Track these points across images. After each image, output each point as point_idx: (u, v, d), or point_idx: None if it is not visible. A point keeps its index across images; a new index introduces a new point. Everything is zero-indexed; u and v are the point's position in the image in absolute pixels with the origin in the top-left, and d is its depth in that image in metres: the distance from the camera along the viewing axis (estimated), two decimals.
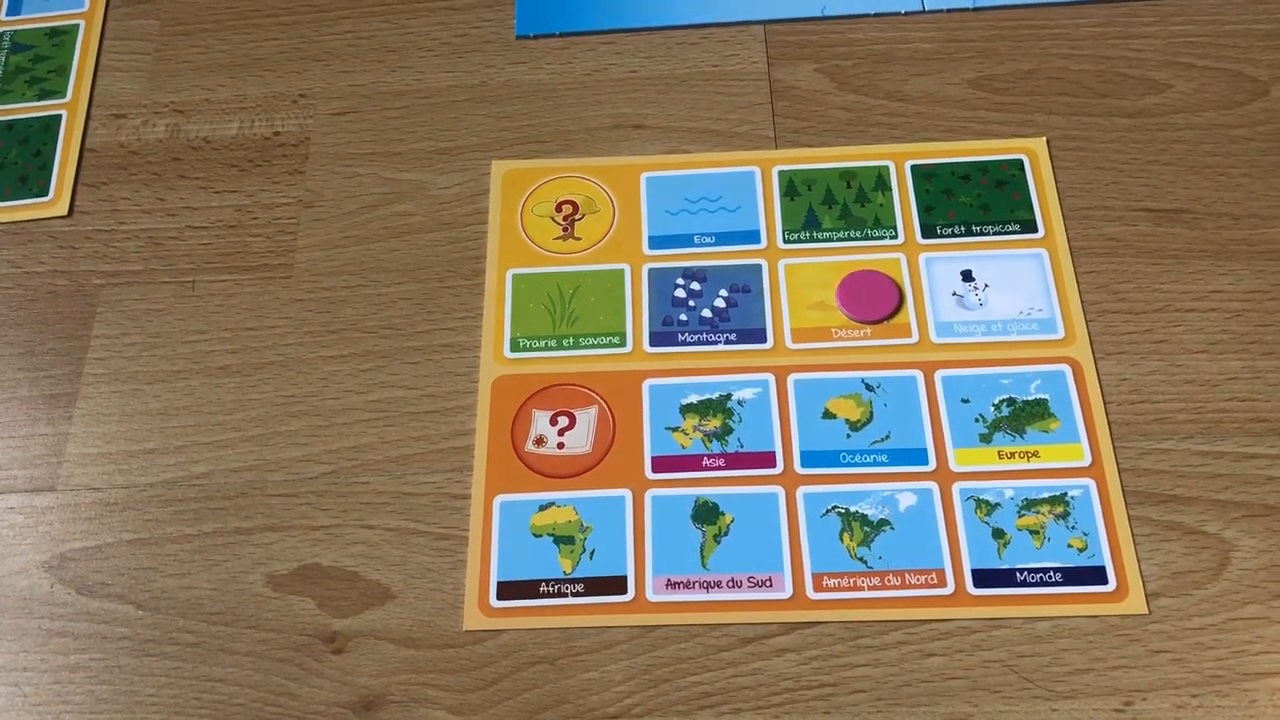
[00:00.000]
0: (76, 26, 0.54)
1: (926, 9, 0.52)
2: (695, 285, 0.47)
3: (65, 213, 0.50)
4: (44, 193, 0.50)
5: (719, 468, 0.43)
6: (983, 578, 0.41)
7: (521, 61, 0.52)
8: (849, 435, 0.43)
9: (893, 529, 0.42)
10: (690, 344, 0.46)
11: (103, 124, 0.52)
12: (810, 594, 0.41)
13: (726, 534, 0.42)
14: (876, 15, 0.52)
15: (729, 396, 0.44)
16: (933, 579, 0.41)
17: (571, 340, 0.46)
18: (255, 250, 0.48)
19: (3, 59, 0.54)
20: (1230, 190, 0.47)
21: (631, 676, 0.39)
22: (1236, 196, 0.47)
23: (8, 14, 0.55)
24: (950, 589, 0.41)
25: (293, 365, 0.46)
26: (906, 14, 0.52)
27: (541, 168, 0.50)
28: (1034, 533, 0.41)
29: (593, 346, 0.46)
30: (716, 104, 0.51)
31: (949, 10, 0.52)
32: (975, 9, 0.52)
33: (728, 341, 0.46)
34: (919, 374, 0.44)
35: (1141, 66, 0.50)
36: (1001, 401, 0.44)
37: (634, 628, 0.40)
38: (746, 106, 0.51)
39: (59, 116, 0.52)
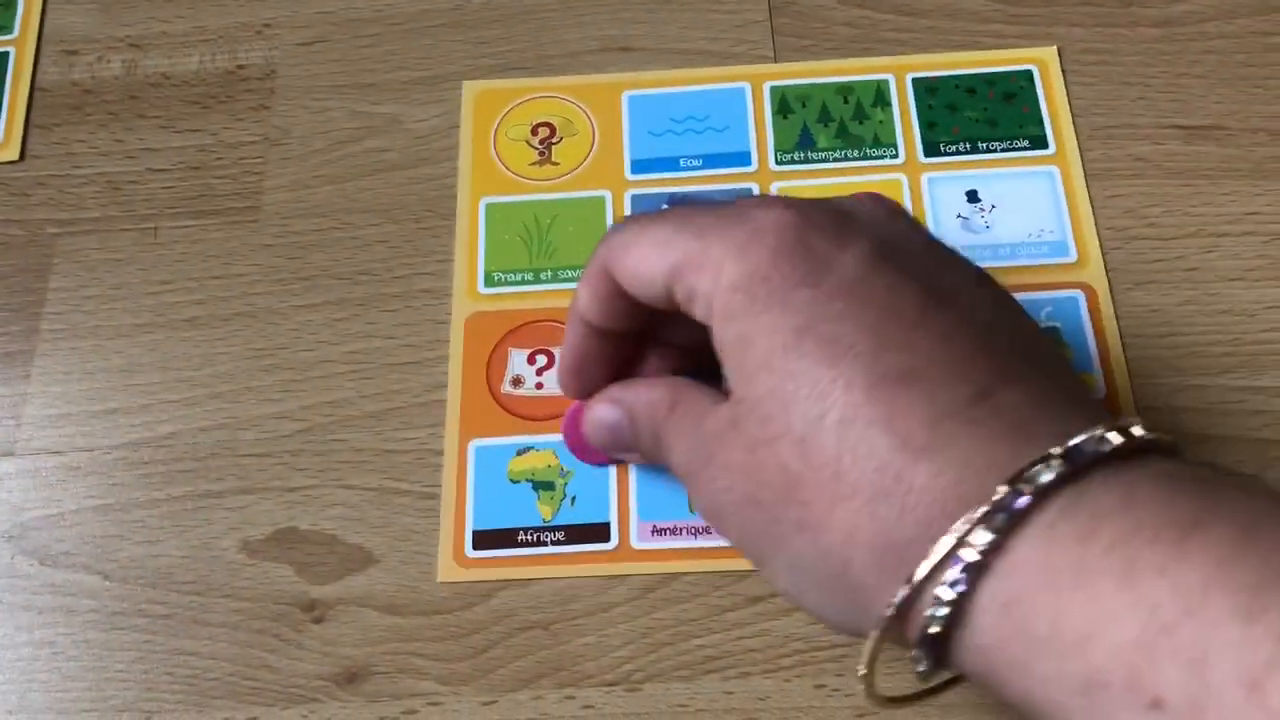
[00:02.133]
0: None
1: None
2: None
3: (16, 157, 0.46)
4: None
5: None
6: None
7: None
8: None
9: None
10: None
11: (53, 61, 0.49)
12: None
13: None
14: None
15: None
16: None
17: (550, 274, 0.43)
18: (220, 193, 0.45)
19: None
20: (1268, 104, 0.44)
21: (630, 640, 0.37)
22: (1275, 110, 0.44)
23: None
24: None
25: (263, 316, 0.43)
26: None
27: (516, 87, 0.47)
28: None
29: (573, 280, 0.43)
30: (711, 22, 0.47)
31: None
32: None
33: None
34: None
35: None
36: None
37: (632, 588, 0.38)
38: (743, 25, 0.47)
39: (5, 54, 0.49)
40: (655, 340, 0.36)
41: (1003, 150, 0.44)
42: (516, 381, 0.41)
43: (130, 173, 0.46)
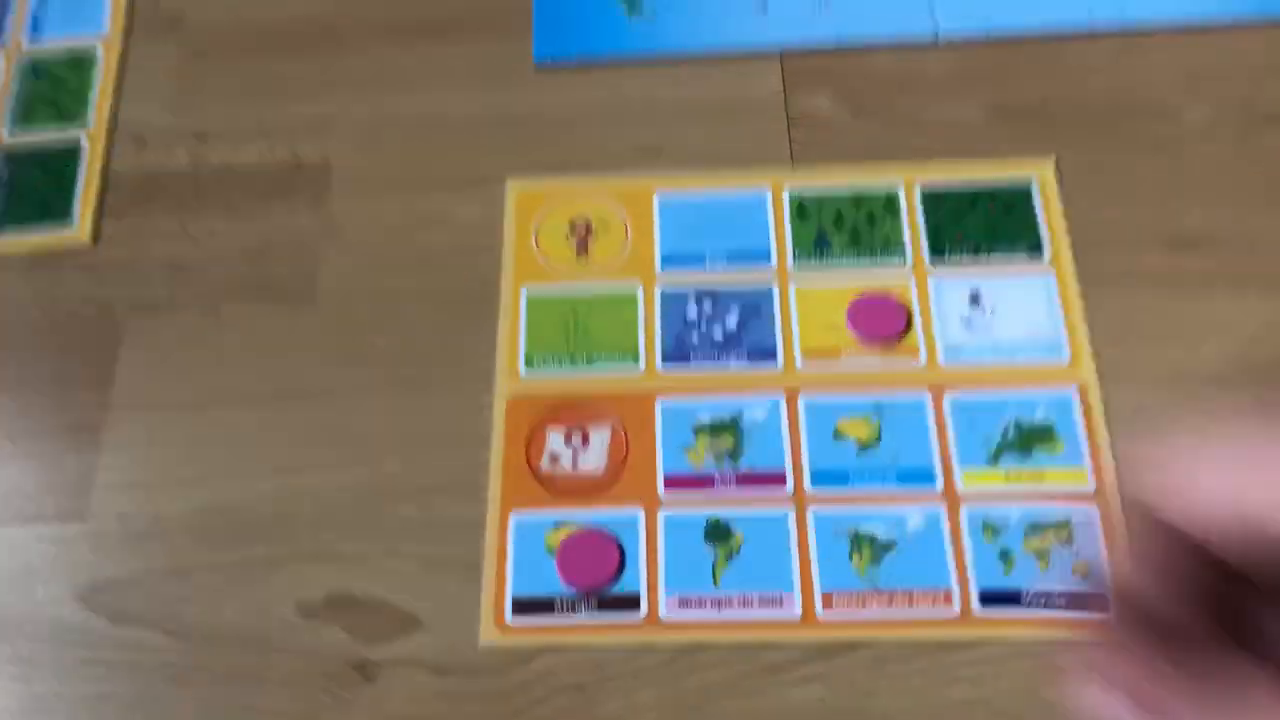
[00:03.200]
0: (95, 49, 0.55)
1: (940, 35, 0.53)
2: (707, 305, 0.48)
3: (90, 241, 0.50)
4: (67, 220, 0.51)
5: (731, 487, 0.44)
6: (990, 598, 0.42)
7: (541, 88, 0.53)
8: (858, 455, 0.44)
9: (901, 549, 0.43)
10: (702, 364, 0.46)
11: (125, 150, 0.52)
12: (820, 613, 0.42)
13: (738, 553, 0.43)
14: (892, 44, 0.53)
15: (740, 416, 0.45)
16: (940, 599, 0.42)
17: (586, 359, 0.47)
18: (279, 278, 0.49)
19: (23, 84, 0.54)
20: (1248, 220, 0.48)
21: (659, 705, 0.40)
22: (1252, 226, 0.48)
23: (29, 37, 0.55)
24: (957, 609, 0.42)
25: (318, 394, 0.46)
26: (921, 42, 0.53)
27: (556, 187, 0.51)
28: (1039, 556, 0.42)
29: (606, 365, 0.46)
30: (734, 131, 0.51)
31: (964, 38, 0.53)
32: (988, 37, 0.53)
33: (739, 361, 0.46)
34: (926, 395, 0.45)
35: (1155, 94, 0.51)
36: (1008, 424, 0.44)
37: (661, 656, 0.41)
38: (764, 133, 0.51)
39: (80, 144, 0.52)
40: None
41: (1003, 257, 0.48)
42: (554, 459, 0.45)
43: (194, 257, 0.50)
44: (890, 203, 0.49)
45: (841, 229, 0.49)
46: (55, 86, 0.54)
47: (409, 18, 0.55)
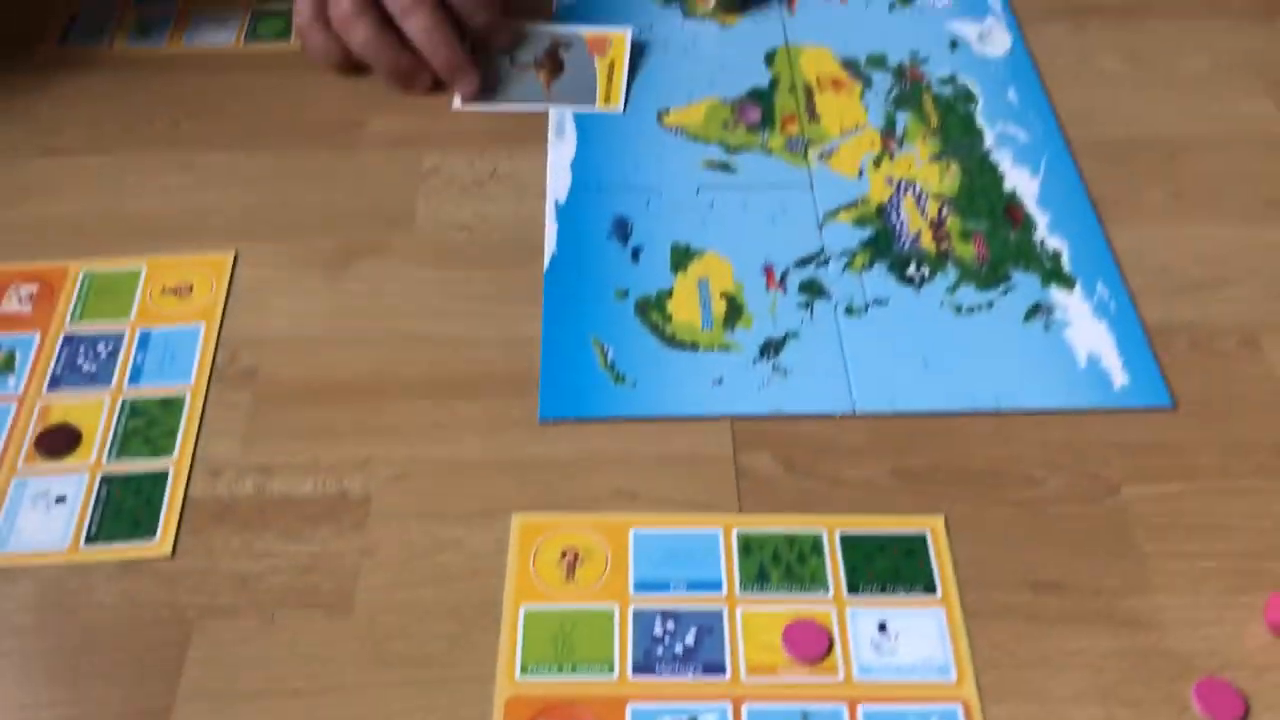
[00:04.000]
0: (184, 397, 0.68)
1: (857, 411, 0.67)
2: (670, 624, 0.59)
3: (169, 554, 0.62)
4: (152, 536, 0.62)
5: None
6: None
7: (543, 440, 0.66)
8: None
9: None
10: (666, 674, 0.57)
11: (202, 479, 0.65)
12: None
13: None
14: (819, 415, 0.67)
15: None
16: None
17: (570, 666, 0.58)
18: (324, 590, 0.60)
19: (124, 421, 0.67)
20: (1093, 568, 0.61)
21: None
22: (1097, 573, 0.61)
23: (129, 383, 0.69)
24: None
25: (351, 689, 0.57)
26: (842, 415, 0.67)
27: (551, 521, 0.63)
28: None
29: (587, 673, 0.57)
30: (694, 480, 0.65)
31: (874, 413, 0.67)
32: (895, 413, 0.67)
33: (695, 673, 0.57)
34: (844, 707, 0.56)
35: (1024, 465, 0.65)
36: None
37: None
38: (718, 483, 0.65)
39: (167, 472, 0.65)
40: None
41: (904, 593, 0.60)
42: None
43: (256, 571, 0.61)
44: (816, 544, 0.62)
45: (778, 564, 0.61)
46: (149, 424, 0.67)
47: (440, 380, 0.69)
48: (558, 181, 0.81)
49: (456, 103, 0.86)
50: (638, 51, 0.90)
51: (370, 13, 0.81)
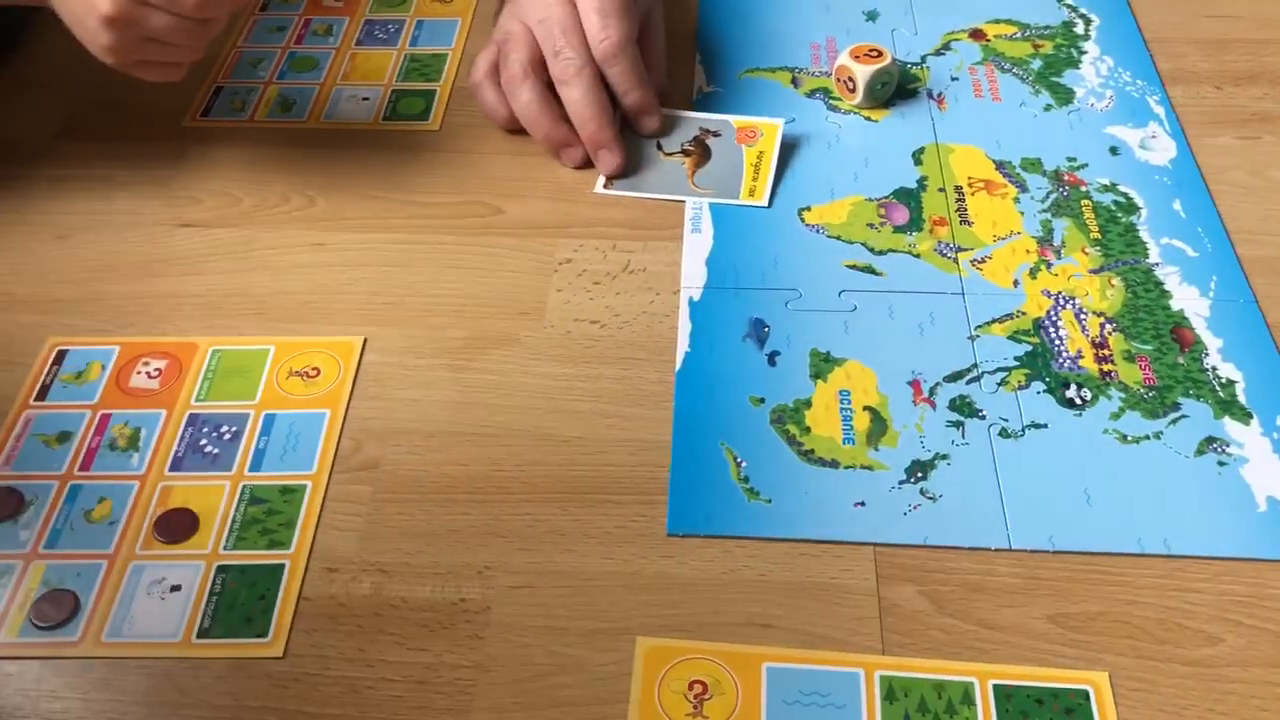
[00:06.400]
0: (305, 486, 0.66)
1: (1013, 547, 0.62)
2: None
3: (280, 654, 0.59)
4: (264, 634, 0.60)
5: None
6: None
7: (670, 555, 0.63)
8: None
9: None
10: None
11: (318, 576, 0.63)
12: None
13: None
14: (970, 548, 0.62)
15: None
16: None
17: None
18: (438, 706, 0.57)
19: (244, 509, 0.65)
20: None
21: None
22: None
23: (251, 468, 0.67)
24: None
25: None
26: (996, 549, 0.62)
27: (678, 647, 0.59)
28: None
29: None
30: (833, 612, 0.60)
31: (1031, 550, 0.62)
32: (1054, 551, 0.62)
33: None
34: None
35: (1196, 619, 0.59)
36: None
37: None
38: (859, 617, 0.60)
39: (283, 566, 0.63)
40: None
41: None
42: None
43: (368, 678, 0.58)
44: (967, 694, 0.57)
45: (925, 715, 0.56)
46: (269, 513, 0.65)
47: (565, 483, 0.66)
48: (692, 277, 0.78)
49: (599, 185, 0.84)
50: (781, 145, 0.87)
51: (535, 78, 0.84)
